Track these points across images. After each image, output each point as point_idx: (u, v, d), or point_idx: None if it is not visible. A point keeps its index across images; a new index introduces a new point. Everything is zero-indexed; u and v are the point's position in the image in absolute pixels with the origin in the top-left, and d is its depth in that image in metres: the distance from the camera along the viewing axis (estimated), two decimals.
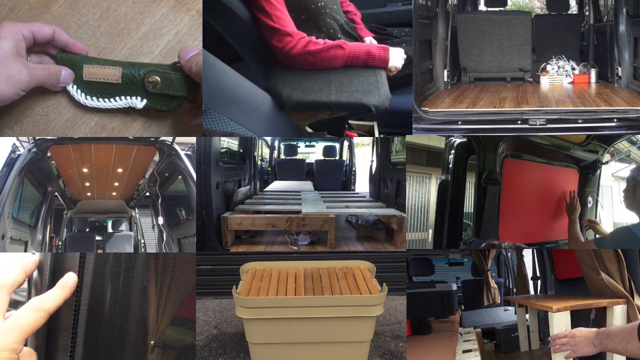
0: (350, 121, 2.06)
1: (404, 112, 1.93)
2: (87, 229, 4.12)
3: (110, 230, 4.31)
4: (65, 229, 3.82)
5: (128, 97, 1.34)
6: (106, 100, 1.35)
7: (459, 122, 1.85)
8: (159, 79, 1.32)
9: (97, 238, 4.01)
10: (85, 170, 2.93)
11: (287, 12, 1.74)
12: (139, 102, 1.34)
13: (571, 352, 1.26)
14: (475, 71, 2.56)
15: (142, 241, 4.04)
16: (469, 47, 2.53)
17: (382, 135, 2.12)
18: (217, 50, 1.50)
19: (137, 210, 4.18)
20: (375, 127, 2.09)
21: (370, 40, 2.05)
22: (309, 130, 1.97)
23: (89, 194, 3.73)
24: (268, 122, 1.65)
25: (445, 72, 2.35)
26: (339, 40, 1.82)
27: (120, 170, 2.97)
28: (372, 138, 3.87)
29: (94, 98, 1.35)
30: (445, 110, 1.93)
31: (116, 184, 3.41)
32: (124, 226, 4.25)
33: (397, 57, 1.82)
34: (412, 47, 2.06)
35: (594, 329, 1.24)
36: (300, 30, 1.77)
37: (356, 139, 5.54)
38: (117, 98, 1.35)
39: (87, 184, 3.37)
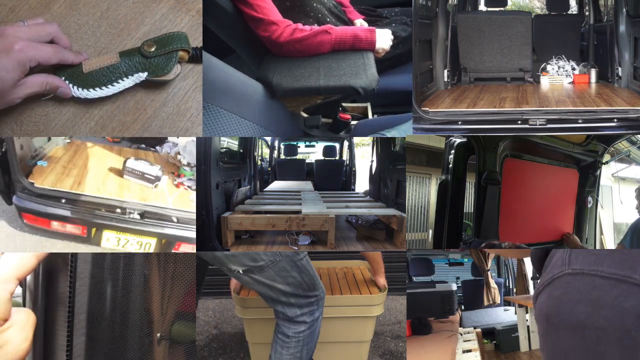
0: (343, 104, 2.07)
1: (398, 91, 1.93)
2: None
3: None
4: None
5: (130, 76, 1.34)
6: (109, 85, 1.34)
7: (459, 122, 1.85)
8: (153, 43, 1.34)
9: None
10: None
11: (270, 1, 1.74)
12: (141, 75, 1.34)
13: None
14: (476, 71, 2.56)
15: None
16: (469, 47, 2.53)
17: (376, 115, 2.12)
18: (208, 45, 1.51)
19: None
20: (369, 108, 2.09)
21: (360, 23, 2.04)
22: (304, 115, 1.98)
23: None
24: (263, 110, 1.66)
25: (446, 72, 2.35)
26: (327, 25, 1.82)
27: None
28: (372, 138, 3.86)
29: (97, 88, 1.33)
30: (445, 110, 1.93)
31: None
32: None
33: (384, 38, 1.82)
34: (402, 27, 2.06)
35: None
36: (287, 17, 1.77)
37: (356, 139, 5.54)
38: (119, 80, 1.34)
39: None
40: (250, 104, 1.62)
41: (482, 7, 2.75)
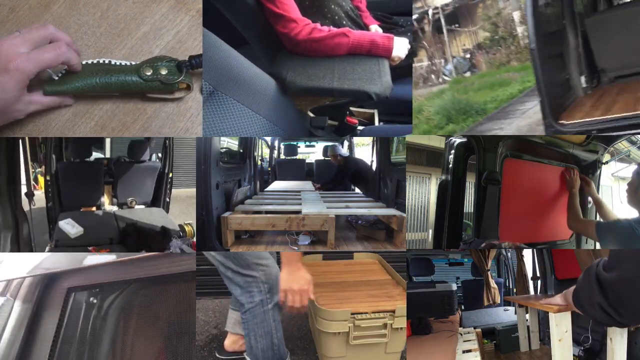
0: (351, 108, 2.07)
1: (404, 101, 1.93)
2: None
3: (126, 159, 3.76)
4: (53, 156, 3.21)
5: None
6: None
7: (594, 132, 1.77)
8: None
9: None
10: None
11: None
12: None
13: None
14: (615, 70, 2.33)
15: (170, 175, 3.63)
16: (604, 47, 2.29)
17: (382, 123, 2.12)
18: (221, 34, 1.51)
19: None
20: (375, 114, 2.10)
21: (375, 28, 2.05)
22: (311, 114, 1.98)
23: None
24: (272, 105, 1.66)
25: (583, 78, 2.22)
26: (343, 27, 1.83)
27: None
28: (372, 138, 3.86)
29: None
30: (581, 121, 1.83)
31: None
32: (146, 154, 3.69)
33: (401, 46, 1.82)
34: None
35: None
36: (304, 16, 1.77)
37: (356, 139, 5.54)
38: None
39: None
40: (262, 98, 1.62)
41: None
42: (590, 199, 2.35)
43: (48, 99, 1.29)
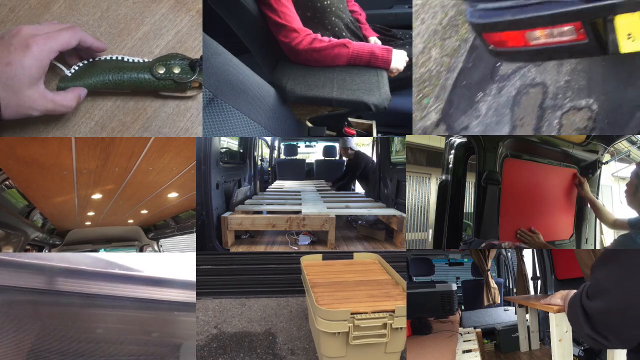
0: (349, 118, 2.08)
1: (403, 112, 1.94)
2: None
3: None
4: None
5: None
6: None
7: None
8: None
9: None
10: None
11: (294, 9, 1.77)
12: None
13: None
14: None
15: None
16: None
17: (379, 135, 2.14)
18: (223, 42, 1.52)
19: (160, 243, 3.52)
20: (373, 125, 2.11)
21: (374, 40, 2.07)
22: (309, 124, 2.00)
23: (87, 223, 3.00)
24: (271, 114, 1.68)
25: None
26: (343, 38, 1.84)
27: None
28: (372, 138, 3.87)
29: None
30: None
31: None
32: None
33: (399, 59, 1.84)
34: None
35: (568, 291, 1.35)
36: (305, 27, 1.80)
37: (356, 139, 5.54)
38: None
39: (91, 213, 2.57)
40: (262, 107, 1.64)
41: None
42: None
43: (60, 96, 1.24)
